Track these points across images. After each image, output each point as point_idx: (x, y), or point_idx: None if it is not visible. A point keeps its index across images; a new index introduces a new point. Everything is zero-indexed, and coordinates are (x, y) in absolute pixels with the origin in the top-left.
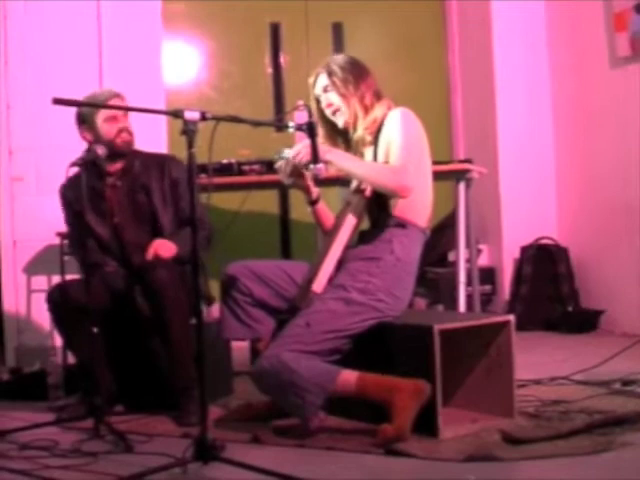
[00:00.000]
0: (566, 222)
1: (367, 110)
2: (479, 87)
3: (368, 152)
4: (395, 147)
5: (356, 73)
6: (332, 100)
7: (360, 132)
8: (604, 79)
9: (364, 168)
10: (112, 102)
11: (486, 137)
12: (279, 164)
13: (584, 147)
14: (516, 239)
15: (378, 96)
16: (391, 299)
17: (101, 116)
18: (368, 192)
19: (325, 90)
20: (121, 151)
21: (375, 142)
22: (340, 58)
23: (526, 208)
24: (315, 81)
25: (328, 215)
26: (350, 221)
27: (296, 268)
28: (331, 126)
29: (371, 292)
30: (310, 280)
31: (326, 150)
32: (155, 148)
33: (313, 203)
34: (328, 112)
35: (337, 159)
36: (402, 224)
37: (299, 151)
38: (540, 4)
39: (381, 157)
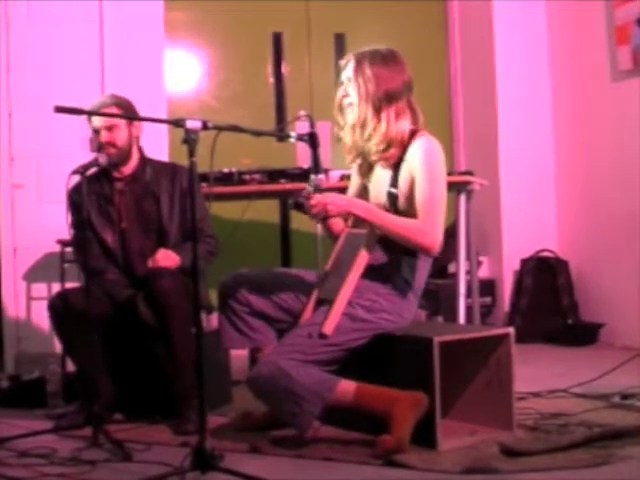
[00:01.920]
0: (566, 235)
1: (379, 121)
2: (480, 99)
3: (384, 174)
4: (421, 194)
5: (383, 73)
6: (350, 93)
7: (374, 156)
8: (605, 92)
9: (392, 225)
10: (105, 111)
11: (487, 149)
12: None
13: (584, 160)
14: (516, 251)
15: (400, 111)
16: (396, 318)
17: (92, 127)
18: None
19: (349, 80)
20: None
21: (396, 167)
22: (375, 51)
23: (526, 220)
24: (345, 66)
25: (340, 226)
26: (362, 260)
27: (294, 278)
28: None
29: (376, 310)
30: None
31: (349, 203)
32: (156, 157)
33: (325, 219)
34: (344, 102)
35: (361, 213)
36: (412, 252)
37: (317, 211)
38: (542, 17)
39: (403, 183)
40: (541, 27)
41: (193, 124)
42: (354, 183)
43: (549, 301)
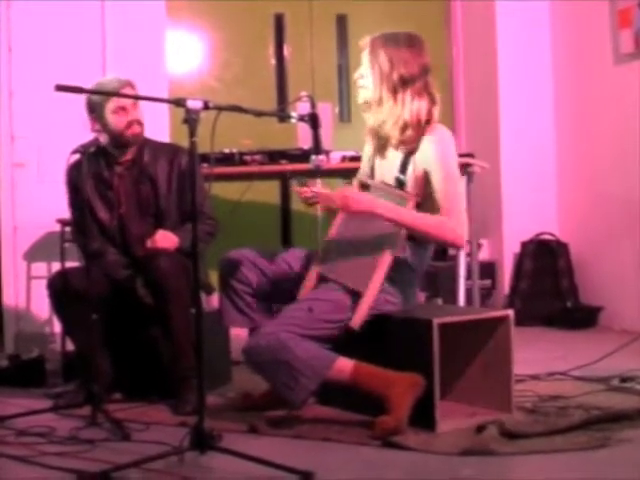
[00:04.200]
0: (567, 218)
1: (395, 102)
2: (482, 81)
3: (395, 156)
4: (442, 191)
5: (399, 56)
6: (364, 75)
7: (394, 141)
8: (607, 75)
9: (420, 223)
10: (122, 91)
11: (488, 132)
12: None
13: (586, 143)
14: (516, 234)
15: (417, 92)
16: (398, 300)
17: (110, 107)
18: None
19: (365, 62)
20: (130, 143)
21: (408, 154)
22: (392, 34)
23: (527, 203)
24: (363, 48)
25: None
26: (386, 260)
27: (295, 257)
28: None
29: (380, 291)
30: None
31: (372, 203)
32: (157, 137)
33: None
34: (359, 83)
35: (386, 213)
36: (415, 238)
37: (312, 196)
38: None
39: (412, 174)
40: (543, 10)
41: (194, 104)
42: (366, 159)
43: (549, 284)
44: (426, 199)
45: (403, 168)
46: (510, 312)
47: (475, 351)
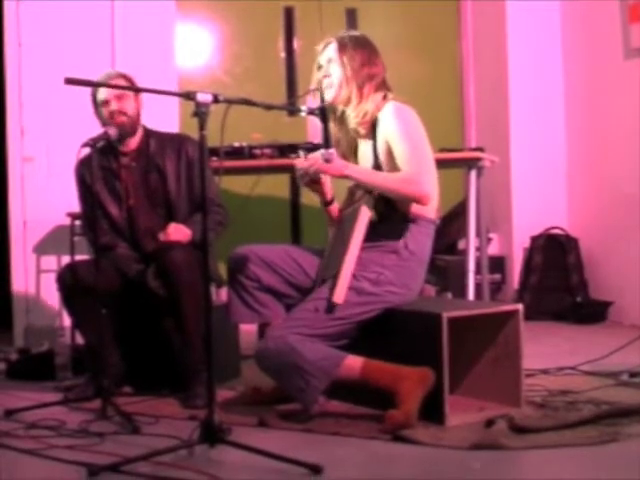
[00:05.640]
0: (576, 212)
1: (361, 98)
2: (492, 75)
3: (365, 146)
4: (401, 151)
5: (365, 56)
6: (332, 73)
7: (353, 124)
8: (617, 70)
9: (383, 181)
10: (114, 83)
11: (498, 126)
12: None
13: (596, 137)
14: (526, 228)
15: (378, 86)
16: (403, 290)
17: (99, 99)
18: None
19: (329, 61)
20: (123, 133)
21: (373, 136)
22: (355, 35)
23: (537, 198)
24: (323, 49)
25: (337, 211)
26: (365, 215)
27: (304, 255)
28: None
29: (383, 283)
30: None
31: (343, 165)
32: (167, 130)
33: (327, 204)
34: (324, 83)
35: (355, 174)
36: (411, 219)
37: (309, 165)
38: None
39: (381, 153)
40: (554, 4)
41: (204, 97)
42: None
43: (558, 279)
44: (396, 166)
45: (375, 152)
46: (520, 306)
47: (484, 345)
